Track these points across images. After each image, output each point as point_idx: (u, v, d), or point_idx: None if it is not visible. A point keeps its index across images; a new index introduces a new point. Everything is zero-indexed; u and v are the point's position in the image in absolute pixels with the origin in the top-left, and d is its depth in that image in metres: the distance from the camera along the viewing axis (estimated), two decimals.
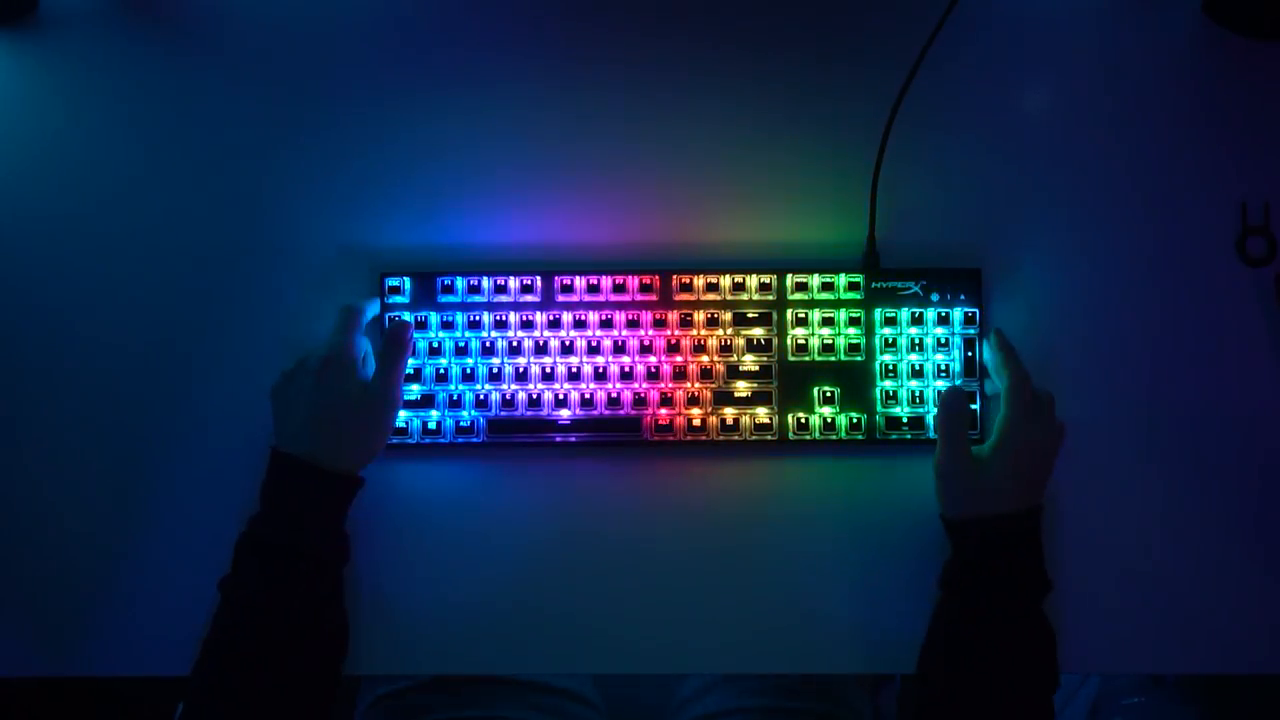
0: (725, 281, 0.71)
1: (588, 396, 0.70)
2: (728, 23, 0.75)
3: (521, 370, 0.71)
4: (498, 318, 0.71)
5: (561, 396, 0.70)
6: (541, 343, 0.71)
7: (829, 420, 0.70)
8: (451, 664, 0.70)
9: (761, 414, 0.70)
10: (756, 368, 0.71)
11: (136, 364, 0.72)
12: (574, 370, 0.71)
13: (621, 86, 0.75)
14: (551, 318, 0.71)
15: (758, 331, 0.71)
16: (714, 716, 0.83)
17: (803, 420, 0.70)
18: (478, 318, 0.71)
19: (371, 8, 0.75)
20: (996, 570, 0.63)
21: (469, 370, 0.71)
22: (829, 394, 0.70)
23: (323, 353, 0.66)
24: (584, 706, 0.86)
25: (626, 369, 0.71)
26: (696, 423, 0.70)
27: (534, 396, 0.70)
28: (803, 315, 0.71)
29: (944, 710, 0.63)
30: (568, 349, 0.71)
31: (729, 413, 0.70)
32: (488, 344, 0.71)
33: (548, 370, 0.70)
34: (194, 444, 0.72)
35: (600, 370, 0.70)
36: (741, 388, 0.71)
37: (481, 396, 0.70)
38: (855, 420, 0.70)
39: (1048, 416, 0.67)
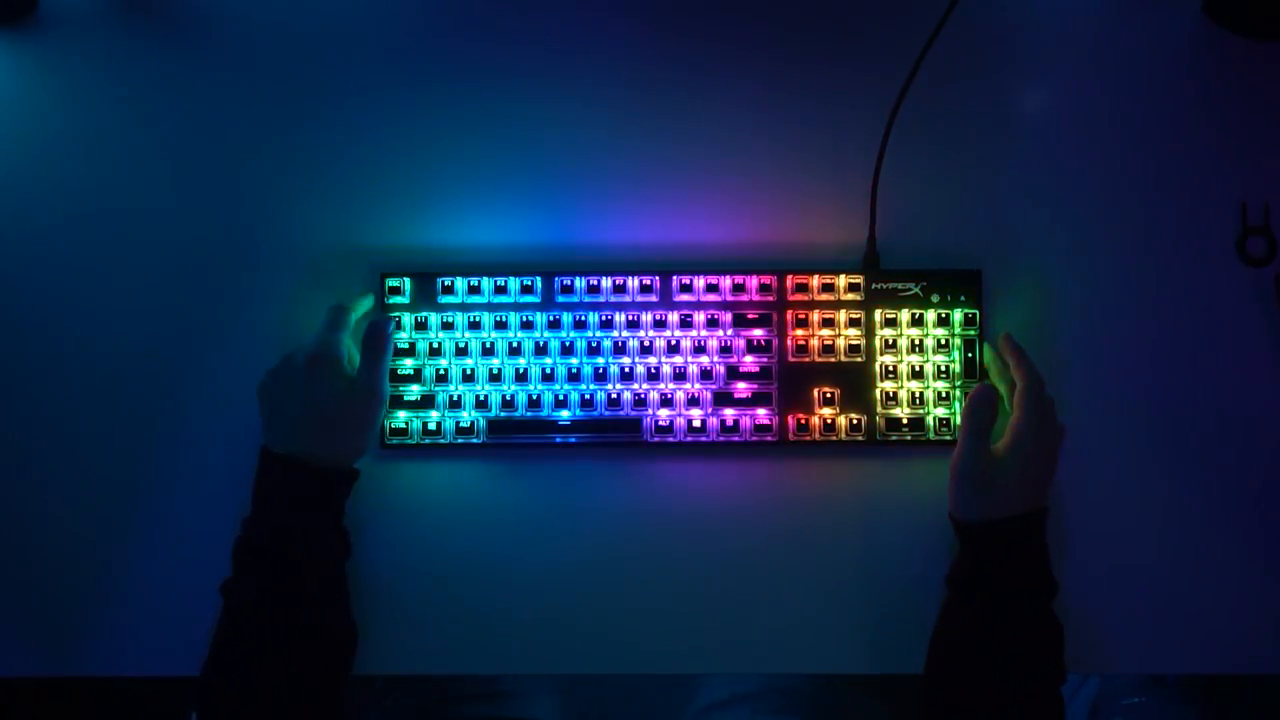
0: (725, 282, 0.71)
1: (588, 397, 0.70)
2: (728, 22, 0.75)
3: (521, 371, 0.71)
4: (498, 318, 0.71)
5: (561, 397, 0.70)
6: (541, 343, 0.71)
7: (829, 421, 0.70)
8: (451, 664, 0.70)
9: (761, 415, 0.70)
10: (757, 369, 0.71)
11: (136, 364, 0.72)
12: (574, 371, 0.71)
13: (622, 87, 0.75)
14: (551, 318, 0.71)
15: (758, 332, 0.71)
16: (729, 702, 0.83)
17: (803, 421, 0.70)
18: (478, 318, 0.71)
19: (372, 7, 0.75)
20: (1005, 572, 0.63)
21: (469, 371, 0.71)
22: (829, 395, 0.70)
23: (309, 350, 0.66)
24: None
25: (626, 370, 0.71)
26: (696, 424, 0.70)
27: (534, 397, 0.70)
28: (803, 316, 0.71)
29: (952, 709, 0.63)
30: (568, 350, 0.71)
31: (729, 414, 0.70)
32: (488, 345, 0.71)
33: (548, 371, 0.70)
34: (194, 443, 0.72)
35: (600, 371, 0.70)
36: (741, 389, 0.71)
37: (481, 397, 0.70)
38: (855, 421, 0.70)
39: (1052, 418, 0.67)
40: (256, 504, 0.65)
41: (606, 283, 0.71)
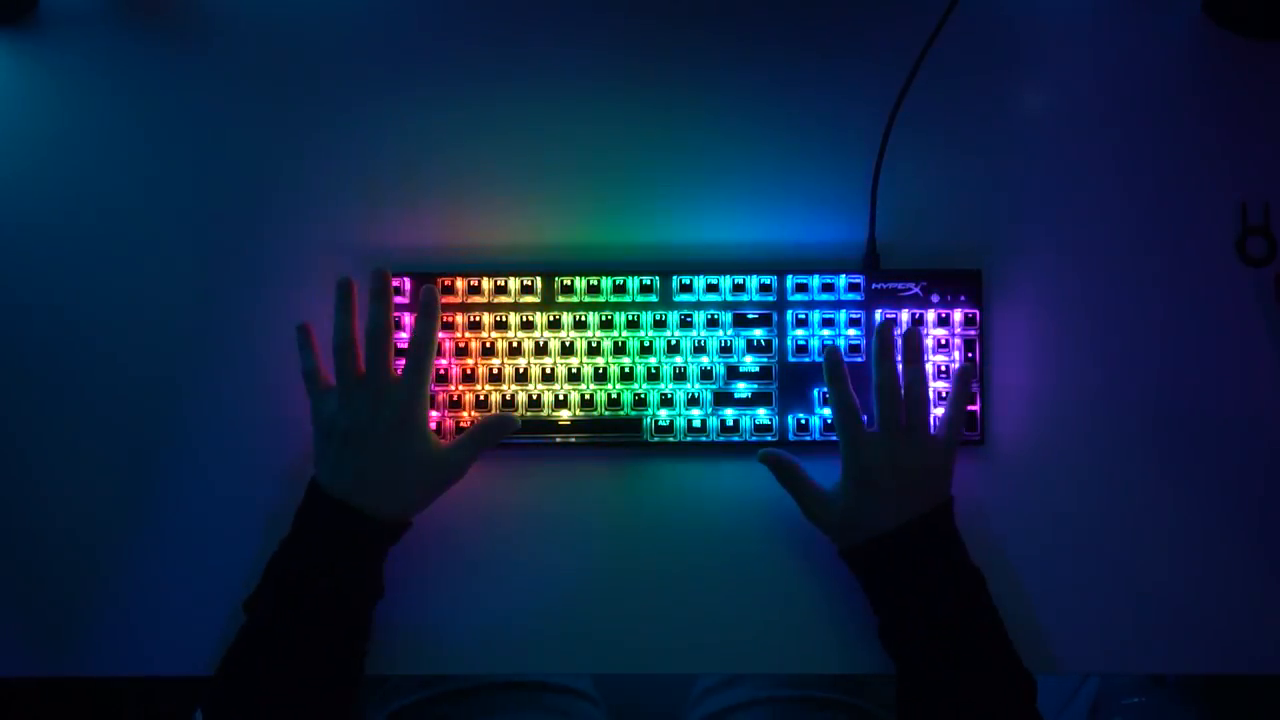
0: (725, 282, 0.71)
1: (588, 397, 0.70)
2: (728, 22, 0.75)
3: (521, 371, 0.71)
4: (498, 318, 0.71)
5: (562, 397, 0.70)
6: (542, 343, 0.71)
7: (830, 421, 0.70)
8: (452, 664, 0.70)
9: (762, 415, 0.70)
10: (757, 369, 0.71)
11: (136, 365, 0.72)
12: (574, 371, 0.71)
13: (622, 86, 0.75)
14: (552, 318, 0.71)
15: (758, 332, 0.71)
16: (738, 709, 0.82)
17: (803, 421, 0.70)
18: (478, 318, 0.71)
19: (371, 7, 0.75)
20: (903, 587, 0.62)
21: (469, 371, 0.71)
22: (829, 395, 0.70)
23: (397, 414, 0.63)
24: (590, 704, 0.85)
25: (626, 370, 0.71)
26: (696, 424, 0.70)
27: (534, 397, 0.70)
28: (803, 316, 0.71)
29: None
30: (568, 350, 0.71)
31: (729, 414, 0.70)
32: (488, 345, 0.71)
33: (548, 371, 0.70)
34: (193, 445, 0.72)
35: (600, 371, 0.70)
36: (742, 389, 0.71)
37: (482, 397, 0.70)
38: None
39: (910, 433, 0.65)
40: (297, 532, 0.64)
41: (606, 283, 0.71)
